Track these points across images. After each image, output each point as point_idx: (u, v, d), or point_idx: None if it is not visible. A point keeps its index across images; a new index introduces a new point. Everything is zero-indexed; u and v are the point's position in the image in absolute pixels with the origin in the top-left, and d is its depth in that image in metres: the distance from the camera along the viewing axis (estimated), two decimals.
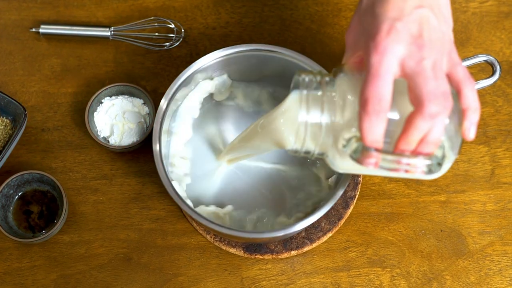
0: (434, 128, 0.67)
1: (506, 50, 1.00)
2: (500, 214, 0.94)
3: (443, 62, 0.69)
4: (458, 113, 0.71)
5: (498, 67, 0.84)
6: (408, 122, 0.67)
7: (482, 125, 0.97)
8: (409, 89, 0.68)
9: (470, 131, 0.70)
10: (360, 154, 0.71)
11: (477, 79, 0.85)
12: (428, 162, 0.70)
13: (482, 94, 0.98)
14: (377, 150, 0.69)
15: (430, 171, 0.71)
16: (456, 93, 0.70)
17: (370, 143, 0.68)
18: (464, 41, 1.00)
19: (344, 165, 0.74)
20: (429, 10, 0.69)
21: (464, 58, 0.84)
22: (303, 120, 0.75)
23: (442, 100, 0.66)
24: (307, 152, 0.78)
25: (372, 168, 0.71)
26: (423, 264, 0.91)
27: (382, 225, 0.93)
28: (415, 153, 0.69)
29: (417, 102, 0.66)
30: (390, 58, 0.67)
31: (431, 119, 0.66)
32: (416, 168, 0.71)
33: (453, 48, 0.70)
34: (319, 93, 0.75)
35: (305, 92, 0.76)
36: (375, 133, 0.67)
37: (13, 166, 0.94)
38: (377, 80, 0.67)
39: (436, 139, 0.68)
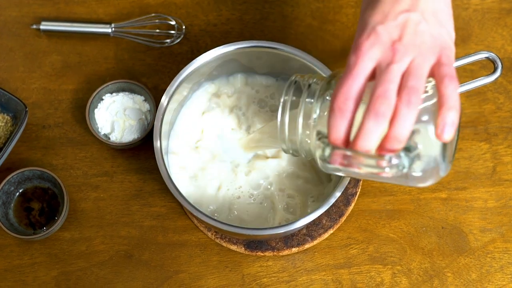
0: (394, 128, 0.65)
1: (507, 47, 0.99)
2: (502, 211, 0.93)
3: (426, 65, 0.67)
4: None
5: (499, 64, 0.84)
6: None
7: (483, 122, 0.96)
8: None
9: (443, 131, 0.66)
10: (328, 152, 0.71)
11: (478, 76, 0.84)
12: (389, 162, 0.67)
13: (483, 91, 0.98)
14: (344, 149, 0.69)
15: (398, 171, 0.69)
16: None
17: (333, 140, 0.68)
18: (465, 38, 1.00)
19: (328, 165, 0.74)
20: (419, 14, 0.68)
21: (465, 55, 0.84)
22: (281, 121, 0.79)
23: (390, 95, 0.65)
24: (296, 153, 0.80)
25: (338, 166, 0.70)
26: (424, 261, 0.91)
27: (383, 222, 0.93)
28: (378, 153, 0.68)
29: (369, 102, 0.66)
30: (366, 60, 0.67)
31: (376, 118, 0.65)
32: (378, 168, 0.68)
33: (445, 52, 0.68)
34: (302, 95, 0.77)
35: (288, 95, 0.79)
36: (338, 130, 0.67)
37: (14, 163, 0.94)
38: (348, 80, 0.67)
39: (394, 138, 0.66)
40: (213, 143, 0.92)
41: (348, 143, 0.68)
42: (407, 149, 0.68)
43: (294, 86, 0.80)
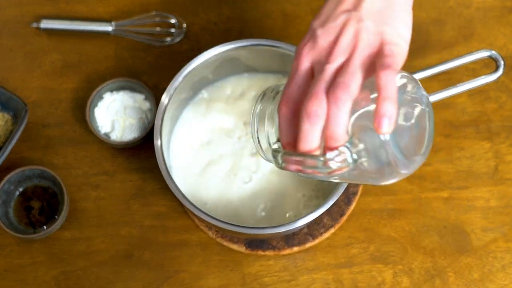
0: (327, 127, 0.65)
1: (510, 46, 0.99)
2: (504, 211, 0.93)
3: (360, 61, 0.67)
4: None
5: (502, 63, 0.83)
6: None
7: (485, 121, 0.96)
8: None
9: (379, 123, 0.63)
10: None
11: (480, 74, 0.84)
12: (331, 160, 0.67)
13: (485, 89, 0.97)
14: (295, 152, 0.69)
15: (347, 168, 0.68)
16: None
17: (283, 145, 0.69)
18: (467, 36, 0.99)
19: (293, 171, 0.73)
20: (362, 13, 0.68)
21: (467, 53, 0.84)
22: (252, 132, 0.81)
23: (322, 99, 0.65)
24: (270, 161, 0.81)
25: (295, 171, 0.69)
26: (425, 260, 0.91)
27: (385, 221, 0.93)
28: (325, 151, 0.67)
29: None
30: (304, 63, 0.68)
31: (309, 119, 0.65)
32: (327, 167, 0.67)
33: (387, 47, 0.67)
34: (268, 105, 0.79)
35: (257, 105, 0.81)
36: (283, 135, 0.68)
37: (14, 162, 0.94)
38: (289, 85, 0.69)
39: (330, 137, 0.65)
40: (215, 142, 0.91)
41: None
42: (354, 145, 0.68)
43: (264, 96, 0.82)
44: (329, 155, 0.66)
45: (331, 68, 0.66)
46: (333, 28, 0.68)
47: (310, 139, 0.66)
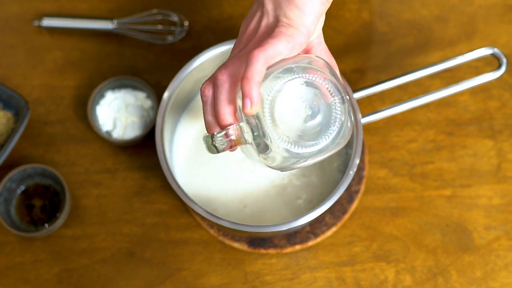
0: (214, 104, 0.69)
1: None
2: (506, 209, 0.93)
3: (249, 46, 0.70)
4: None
5: (504, 61, 0.83)
6: None
7: (488, 119, 0.96)
8: None
9: (242, 103, 0.66)
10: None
11: (483, 72, 0.84)
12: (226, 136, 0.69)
13: (488, 87, 0.97)
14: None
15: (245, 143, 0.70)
16: None
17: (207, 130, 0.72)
18: (470, 34, 0.99)
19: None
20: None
21: (470, 51, 0.83)
22: None
23: (211, 80, 0.70)
24: None
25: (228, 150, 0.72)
26: (428, 259, 0.91)
27: (387, 219, 0.92)
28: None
29: None
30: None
31: (201, 97, 0.70)
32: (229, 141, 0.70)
33: (278, 29, 0.68)
34: None
35: None
36: (205, 122, 0.72)
37: (16, 160, 0.93)
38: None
39: (216, 114, 0.69)
40: None
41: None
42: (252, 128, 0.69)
43: None
44: (217, 132, 0.69)
45: (231, 55, 0.71)
46: (248, 17, 0.72)
47: (206, 117, 0.71)
